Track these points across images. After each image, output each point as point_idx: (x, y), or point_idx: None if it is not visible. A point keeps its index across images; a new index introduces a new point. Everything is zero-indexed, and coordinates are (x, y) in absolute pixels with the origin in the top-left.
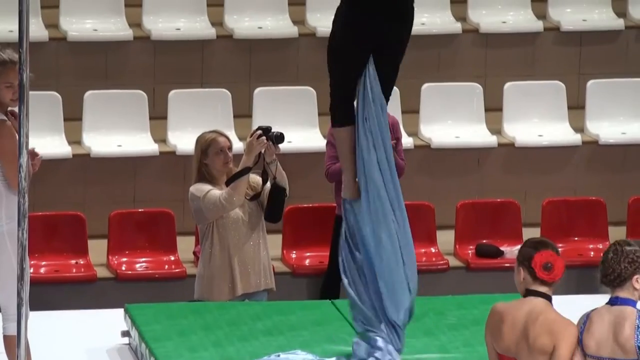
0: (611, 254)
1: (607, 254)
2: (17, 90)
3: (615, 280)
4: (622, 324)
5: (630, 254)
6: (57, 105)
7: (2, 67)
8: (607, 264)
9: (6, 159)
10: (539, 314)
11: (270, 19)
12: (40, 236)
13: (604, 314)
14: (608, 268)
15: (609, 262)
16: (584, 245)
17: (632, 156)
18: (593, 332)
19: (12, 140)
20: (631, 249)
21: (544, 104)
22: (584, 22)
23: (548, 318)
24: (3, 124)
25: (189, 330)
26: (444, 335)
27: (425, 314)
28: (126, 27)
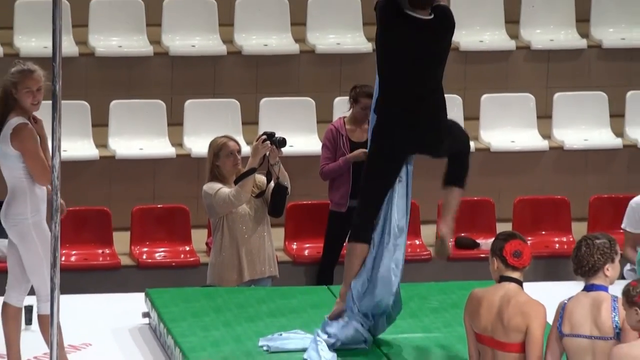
0: (584, 248)
1: (580, 248)
2: (36, 95)
3: (590, 271)
4: (599, 307)
5: (601, 247)
6: (86, 113)
7: (21, 75)
8: (580, 257)
9: (30, 158)
10: (512, 297)
11: (274, 38)
12: (71, 229)
13: (581, 299)
14: (582, 260)
15: (583, 255)
16: (550, 239)
17: (593, 160)
18: (573, 315)
19: (34, 142)
20: (601, 242)
21: (516, 113)
22: (552, 42)
23: (519, 300)
24: (25, 127)
25: (202, 312)
26: (427, 317)
27: (411, 299)
28: (147, 44)
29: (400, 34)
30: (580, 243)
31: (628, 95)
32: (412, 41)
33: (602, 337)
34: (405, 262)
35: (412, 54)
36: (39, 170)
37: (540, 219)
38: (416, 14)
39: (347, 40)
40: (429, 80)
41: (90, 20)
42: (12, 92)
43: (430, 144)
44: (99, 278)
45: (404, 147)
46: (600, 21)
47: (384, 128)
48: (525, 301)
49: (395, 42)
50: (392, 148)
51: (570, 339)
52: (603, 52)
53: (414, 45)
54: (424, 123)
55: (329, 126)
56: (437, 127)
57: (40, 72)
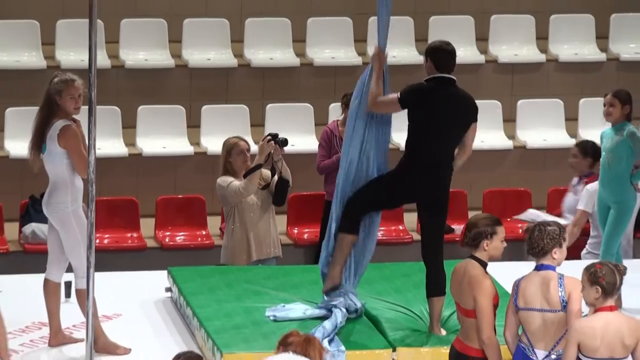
0: (536, 233)
1: (533, 233)
2: (77, 101)
3: (540, 252)
4: (548, 284)
5: (551, 233)
6: (117, 117)
7: (65, 84)
8: (533, 240)
9: (74, 154)
10: (468, 272)
11: (278, 52)
12: (104, 216)
13: (532, 277)
14: (534, 243)
15: (535, 239)
16: (515, 225)
17: (551, 157)
18: (526, 291)
19: (77, 140)
20: (552, 229)
21: (485, 118)
22: (516, 57)
23: (471, 274)
24: (70, 128)
25: (216, 287)
26: (409, 292)
27: (395, 277)
28: (169, 57)
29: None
30: (533, 228)
31: (580, 102)
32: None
33: (551, 310)
34: (390, 245)
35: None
36: (82, 165)
37: (506, 208)
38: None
39: (341, 54)
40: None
41: (121, 37)
42: (56, 98)
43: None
44: (128, 258)
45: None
46: (556, 39)
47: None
48: (473, 275)
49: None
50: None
51: (525, 312)
52: (559, 66)
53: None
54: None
55: (325, 128)
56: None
57: (79, 81)
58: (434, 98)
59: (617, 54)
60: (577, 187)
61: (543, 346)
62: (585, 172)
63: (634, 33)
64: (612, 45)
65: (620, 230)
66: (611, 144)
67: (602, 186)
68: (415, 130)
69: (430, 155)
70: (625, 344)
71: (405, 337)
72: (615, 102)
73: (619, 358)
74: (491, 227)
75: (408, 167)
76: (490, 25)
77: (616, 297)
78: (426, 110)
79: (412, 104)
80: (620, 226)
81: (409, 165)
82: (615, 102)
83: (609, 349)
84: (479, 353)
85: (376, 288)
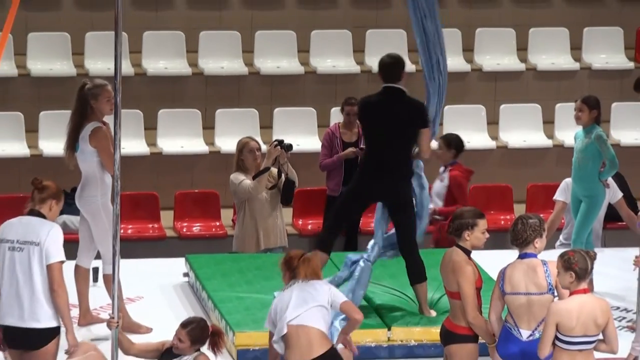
0: (520, 225)
1: (517, 225)
2: (112, 102)
3: (523, 243)
4: (535, 270)
5: (533, 225)
6: (139, 120)
7: (101, 89)
8: (517, 232)
9: (103, 153)
10: (452, 258)
11: (285, 61)
12: (128, 208)
13: (517, 265)
14: (518, 234)
15: (519, 231)
16: (497, 217)
17: (530, 156)
18: (512, 278)
19: (107, 140)
20: (533, 221)
21: (471, 121)
22: (498, 65)
23: (454, 260)
24: (101, 129)
25: (229, 272)
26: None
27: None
28: (187, 66)
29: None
30: (517, 221)
31: (557, 106)
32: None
33: (537, 292)
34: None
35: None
36: (110, 163)
37: (489, 202)
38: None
39: (341, 64)
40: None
41: (144, 48)
42: (92, 102)
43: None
44: (149, 246)
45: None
46: (535, 50)
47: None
48: (456, 261)
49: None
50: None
51: (511, 296)
52: (537, 74)
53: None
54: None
55: (327, 130)
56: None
57: (110, 85)
58: (378, 109)
59: (589, 64)
60: (443, 175)
61: (527, 326)
62: (449, 161)
63: (604, 44)
64: (585, 56)
65: (590, 222)
66: (581, 145)
67: (574, 182)
68: (366, 139)
69: (378, 162)
70: (598, 323)
71: (399, 318)
72: (584, 107)
73: (591, 335)
74: (472, 219)
75: (361, 174)
76: (476, 38)
77: (588, 280)
78: (371, 121)
79: (360, 117)
80: (590, 218)
81: (361, 171)
82: (584, 108)
83: (584, 328)
84: (466, 330)
85: (374, 274)
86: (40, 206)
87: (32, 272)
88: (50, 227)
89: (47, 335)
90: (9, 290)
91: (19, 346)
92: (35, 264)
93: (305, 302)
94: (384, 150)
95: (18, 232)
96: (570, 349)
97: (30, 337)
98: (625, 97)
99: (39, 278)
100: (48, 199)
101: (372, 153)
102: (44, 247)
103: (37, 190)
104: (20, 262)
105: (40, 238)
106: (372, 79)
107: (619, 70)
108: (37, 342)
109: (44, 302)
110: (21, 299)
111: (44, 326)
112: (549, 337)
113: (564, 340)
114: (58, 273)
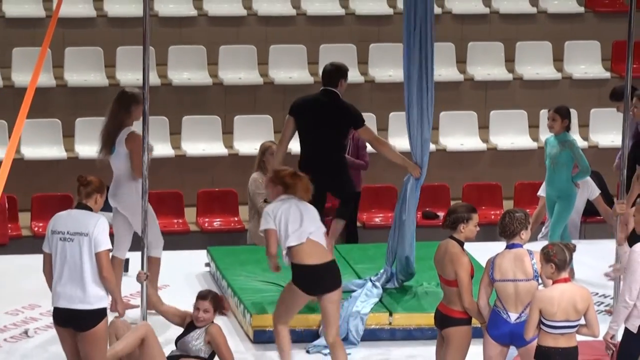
0: (507, 219)
1: (504, 219)
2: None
3: (511, 235)
4: (522, 259)
5: (519, 218)
6: (165, 125)
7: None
8: (504, 225)
9: (135, 156)
10: (448, 250)
11: (296, 72)
12: (154, 205)
13: (506, 254)
14: (505, 227)
15: (506, 224)
16: (488, 212)
17: (518, 157)
18: (501, 266)
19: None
20: (519, 215)
21: (464, 125)
22: (488, 75)
23: (452, 252)
24: (135, 133)
25: (246, 262)
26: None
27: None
28: (208, 77)
29: None
30: (504, 215)
31: (541, 113)
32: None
33: (524, 279)
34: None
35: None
36: (139, 166)
37: (481, 199)
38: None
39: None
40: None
41: (169, 60)
42: (133, 106)
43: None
44: (174, 240)
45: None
46: (521, 61)
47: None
48: (453, 252)
49: None
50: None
51: (501, 283)
52: (524, 83)
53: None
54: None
55: None
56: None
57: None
58: (308, 108)
59: (570, 74)
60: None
61: (514, 309)
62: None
63: (584, 57)
64: (566, 67)
65: (564, 220)
66: (555, 151)
67: (548, 186)
68: (300, 135)
69: (307, 158)
70: (578, 309)
71: (400, 304)
72: (556, 117)
73: (573, 320)
74: (467, 213)
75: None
76: (468, 51)
77: (568, 270)
78: (303, 118)
79: (294, 114)
80: (564, 216)
81: (300, 168)
82: (556, 117)
83: (565, 313)
84: (461, 314)
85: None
86: (87, 200)
87: (82, 260)
88: (98, 219)
89: (97, 315)
90: (62, 276)
91: (73, 326)
92: (85, 252)
93: (314, 220)
94: (312, 147)
95: (67, 224)
96: (554, 333)
97: (83, 318)
98: (603, 104)
99: (88, 265)
100: (93, 192)
101: (302, 150)
102: (93, 237)
103: (83, 186)
104: (71, 251)
105: (88, 229)
106: (375, 88)
107: (597, 79)
108: (89, 322)
109: (93, 286)
110: (73, 285)
111: (94, 307)
112: (533, 321)
113: (547, 324)
114: (106, 260)
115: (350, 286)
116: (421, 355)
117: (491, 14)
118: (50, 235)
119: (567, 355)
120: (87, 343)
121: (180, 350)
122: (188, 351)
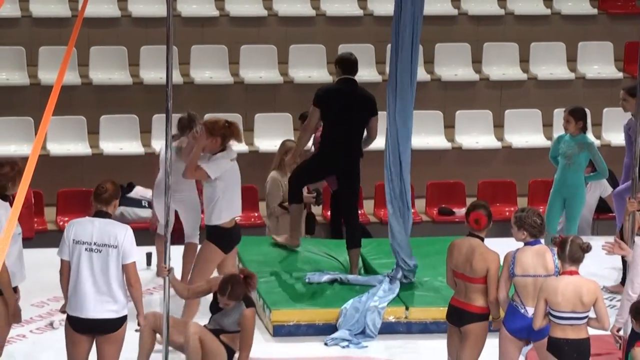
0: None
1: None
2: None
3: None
4: (543, 255)
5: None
6: None
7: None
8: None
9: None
10: (476, 248)
11: (315, 72)
12: None
13: (527, 250)
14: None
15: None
16: (503, 209)
17: (533, 155)
18: (522, 261)
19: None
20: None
21: (479, 124)
22: (504, 75)
23: (482, 251)
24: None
25: (266, 252)
26: (420, 260)
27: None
28: (229, 76)
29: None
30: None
31: (555, 112)
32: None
33: (545, 274)
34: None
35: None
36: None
37: (496, 195)
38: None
39: (365, 74)
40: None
41: (192, 60)
42: (195, 121)
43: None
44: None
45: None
46: (536, 62)
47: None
48: (485, 251)
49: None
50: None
51: (521, 278)
52: (538, 83)
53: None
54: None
55: None
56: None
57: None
58: (337, 95)
59: (583, 74)
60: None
61: (533, 304)
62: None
63: (597, 57)
64: (580, 67)
65: (577, 217)
66: (572, 151)
67: (560, 184)
68: (326, 122)
69: (335, 140)
70: (584, 301)
71: (416, 298)
72: (570, 118)
73: (580, 312)
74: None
75: (323, 150)
76: (484, 51)
77: (578, 265)
78: (332, 106)
79: (322, 102)
80: (577, 214)
81: (323, 148)
82: (570, 119)
83: (571, 304)
84: (481, 310)
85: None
86: (107, 207)
87: (109, 270)
88: (126, 230)
89: (121, 321)
90: (85, 286)
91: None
92: (112, 263)
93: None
94: (341, 131)
95: (93, 234)
96: (561, 323)
97: (112, 324)
98: (615, 104)
99: (115, 276)
100: (111, 199)
101: (332, 133)
102: (122, 248)
103: (101, 194)
104: (99, 262)
105: (118, 241)
106: None
107: (610, 79)
108: (113, 327)
109: (121, 295)
110: (101, 295)
111: (121, 315)
112: (539, 310)
113: (553, 314)
114: (134, 270)
115: (372, 281)
116: (437, 347)
117: (506, 15)
118: (72, 244)
119: (578, 347)
120: (109, 344)
121: (215, 323)
122: (223, 325)
